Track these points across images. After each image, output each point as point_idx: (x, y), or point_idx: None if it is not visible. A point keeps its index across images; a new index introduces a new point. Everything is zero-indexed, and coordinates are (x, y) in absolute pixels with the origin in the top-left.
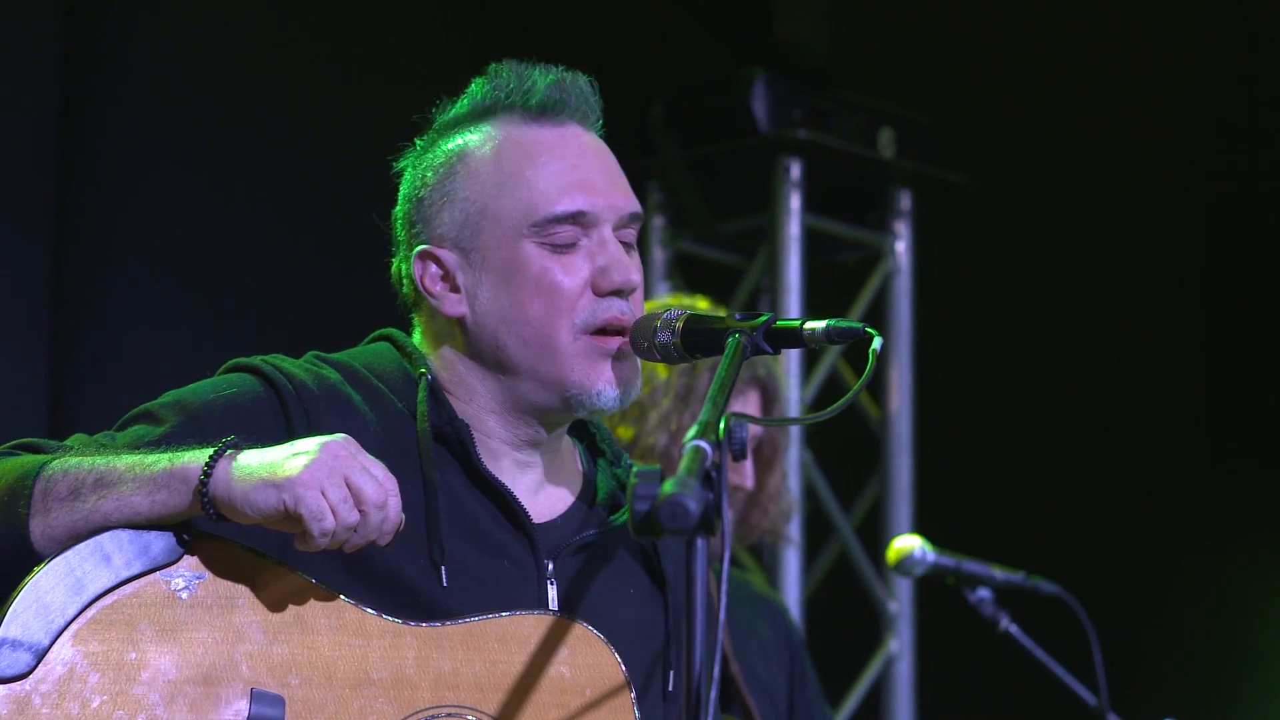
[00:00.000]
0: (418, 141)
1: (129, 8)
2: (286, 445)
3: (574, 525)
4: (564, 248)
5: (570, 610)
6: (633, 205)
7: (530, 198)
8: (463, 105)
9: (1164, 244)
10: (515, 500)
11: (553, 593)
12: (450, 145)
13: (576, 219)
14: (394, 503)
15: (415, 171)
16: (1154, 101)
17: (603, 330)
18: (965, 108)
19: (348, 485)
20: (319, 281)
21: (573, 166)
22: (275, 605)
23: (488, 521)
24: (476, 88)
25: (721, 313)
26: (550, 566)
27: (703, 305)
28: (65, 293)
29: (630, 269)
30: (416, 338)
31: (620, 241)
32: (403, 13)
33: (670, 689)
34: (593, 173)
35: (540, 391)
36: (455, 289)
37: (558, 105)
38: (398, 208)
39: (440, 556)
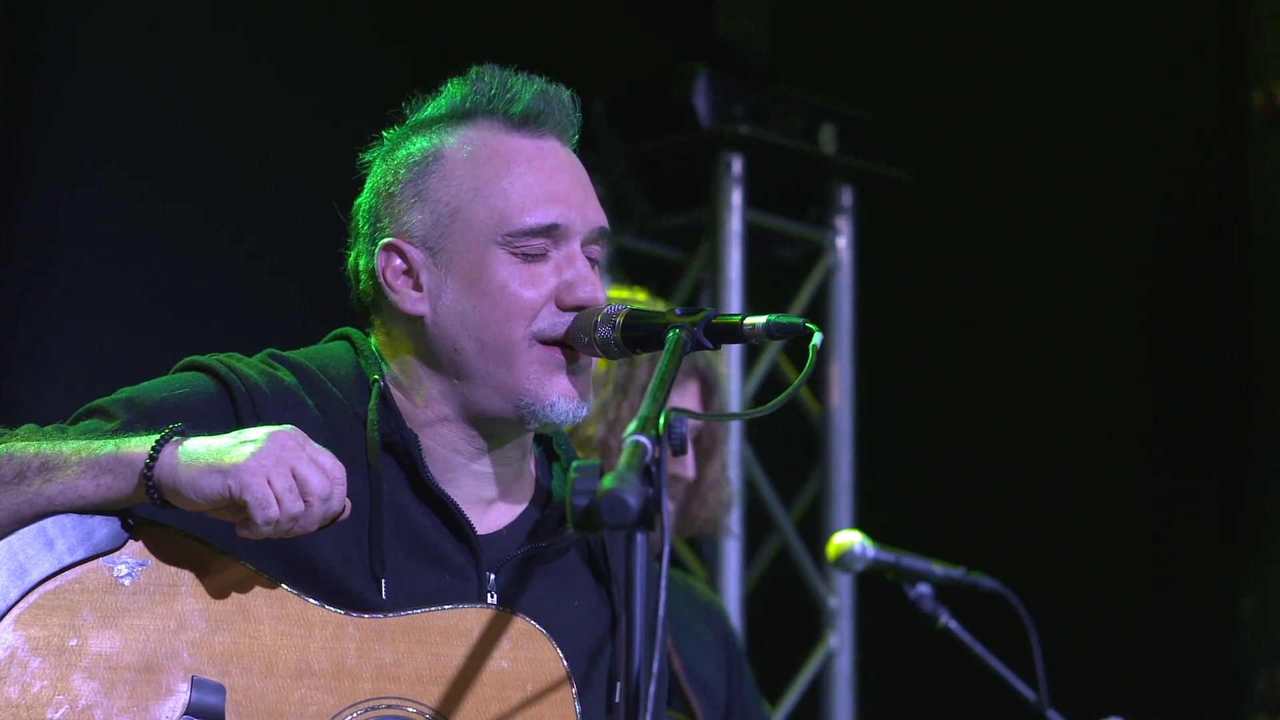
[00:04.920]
0: (386, 135)
1: (69, 8)
2: (234, 434)
3: (520, 535)
4: (533, 258)
5: None
6: (602, 220)
7: (504, 206)
8: (440, 104)
9: (1106, 240)
10: (460, 512)
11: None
12: (426, 143)
13: (549, 231)
14: (339, 492)
15: (386, 165)
16: (1095, 98)
17: (561, 343)
18: (906, 104)
19: (294, 475)
20: (259, 278)
21: (549, 179)
22: (218, 594)
23: (431, 533)
24: (455, 88)
25: (661, 307)
26: (492, 578)
27: (641, 298)
28: (3, 288)
29: (596, 288)
30: (374, 339)
31: (588, 258)
32: (343, 4)
33: (617, 700)
34: (568, 187)
35: (494, 399)
36: (418, 286)
37: (540, 117)
38: (361, 199)
39: (380, 569)
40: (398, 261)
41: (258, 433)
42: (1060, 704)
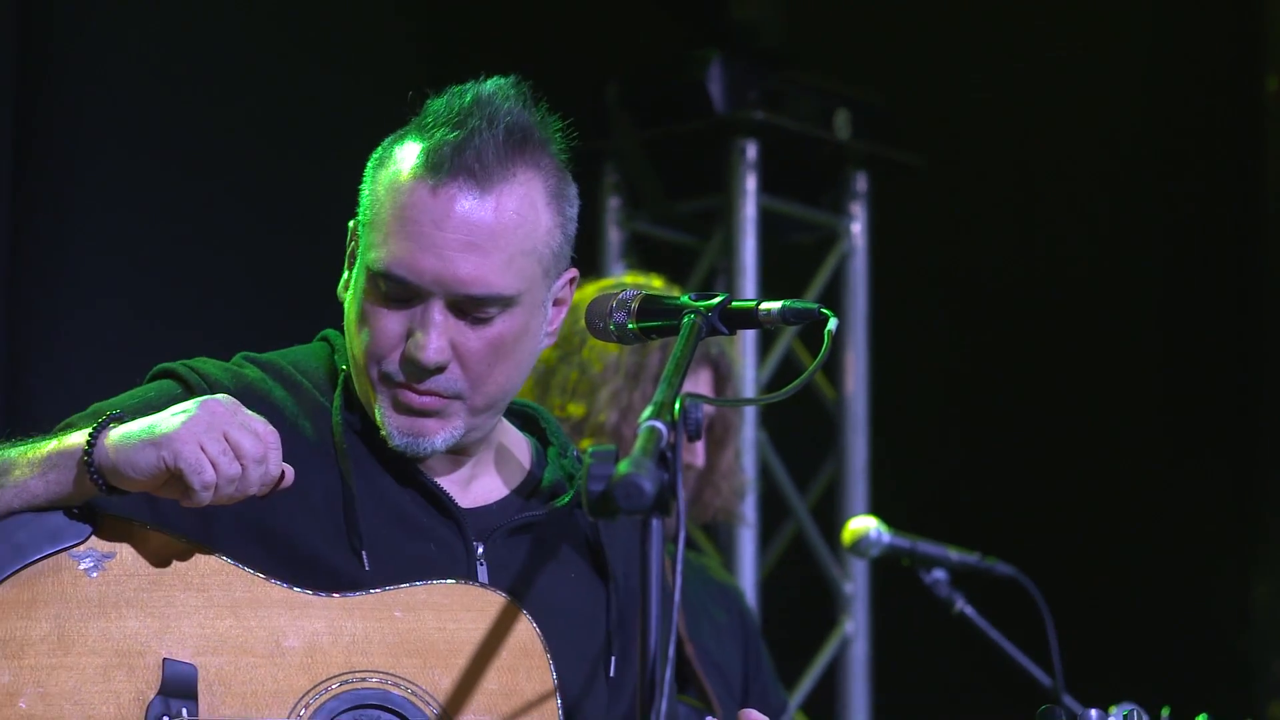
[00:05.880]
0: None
1: None
2: (168, 409)
3: (509, 512)
4: (394, 301)
5: (501, 589)
6: (477, 288)
7: (377, 244)
8: (426, 109)
9: (1120, 225)
10: (436, 486)
11: (483, 574)
12: (394, 146)
13: (401, 284)
14: (274, 456)
15: (376, 152)
16: (1110, 84)
17: (407, 385)
18: (921, 89)
19: (226, 439)
20: (274, 264)
21: (420, 233)
22: (184, 581)
23: (410, 507)
24: (439, 100)
25: (677, 293)
26: (480, 549)
27: (657, 284)
28: (20, 273)
29: (426, 350)
30: None
31: (471, 316)
32: None
33: (613, 675)
34: (437, 245)
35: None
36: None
37: (439, 166)
38: None
39: (359, 543)
40: (351, 245)
41: (189, 403)
42: (1075, 689)
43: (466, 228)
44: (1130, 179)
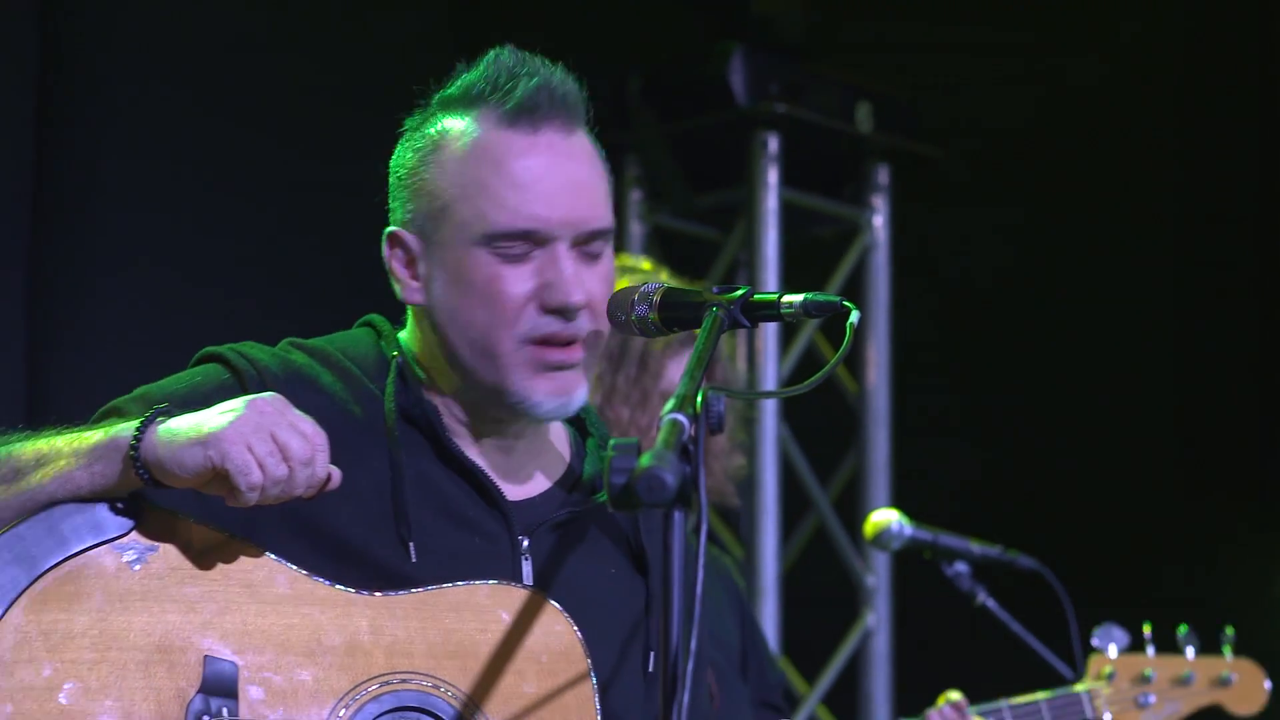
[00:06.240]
0: (413, 117)
1: None
2: (216, 406)
3: (552, 505)
4: (515, 259)
5: (545, 586)
6: (596, 222)
7: (486, 209)
8: (456, 87)
9: (1141, 216)
10: (486, 477)
11: (527, 569)
12: (433, 130)
13: (527, 236)
14: (321, 458)
15: (404, 147)
16: (1131, 75)
17: (546, 341)
18: (942, 82)
19: (274, 440)
20: (300, 261)
21: (535, 180)
22: (227, 576)
23: (460, 499)
24: (474, 71)
25: (698, 286)
26: (525, 543)
27: (663, 278)
28: (43, 266)
29: (571, 290)
30: (409, 319)
31: (585, 253)
32: None
33: (651, 669)
34: (554, 187)
35: (484, 393)
36: (416, 276)
37: (535, 110)
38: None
39: (407, 533)
40: (400, 250)
41: (237, 402)
42: None
43: (573, 165)
44: (1149, 172)
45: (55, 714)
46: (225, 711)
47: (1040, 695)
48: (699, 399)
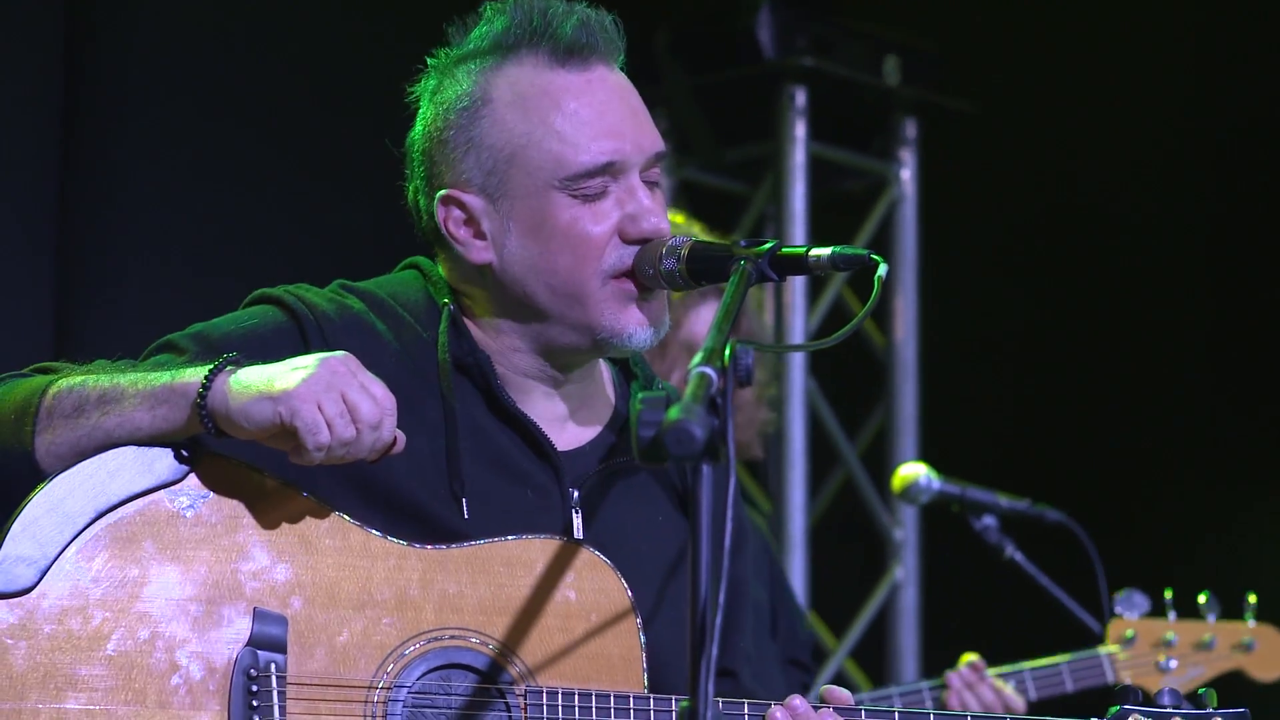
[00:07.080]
0: (431, 64)
1: None
2: (287, 361)
3: (600, 452)
4: (593, 197)
5: (595, 538)
6: (658, 144)
7: (559, 150)
8: (482, 35)
9: (1171, 169)
10: (538, 429)
11: (578, 521)
12: (472, 85)
13: (606, 170)
14: (389, 422)
15: (435, 107)
16: (1162, 28)
17: (630, 274)
18: (971, 35)
19: (344, 401)
20: (323, 207)
21: (600, 114)
22: (279, 525)
23: (511, 450)
24: (498, 20)
25: (727, 240)
26: (575, 495)
27: (697, 230)
28: (70, 218)
29: (660, 217)
30: (442, 270)
31: (646, 182)
32: None
33: None
34: (620, 118)
35: (570, 334)
36: (480, 235)
37: (584, 48)
38: (415, 136)
39: (460, 489)
40: (457, 212)
41: (309, 360)
42: None
43: (625, 92)
44: (1183, 123)
45: (102, 663)
46: (274, 666)
47: (1061, 658)
48: (727, 352)
